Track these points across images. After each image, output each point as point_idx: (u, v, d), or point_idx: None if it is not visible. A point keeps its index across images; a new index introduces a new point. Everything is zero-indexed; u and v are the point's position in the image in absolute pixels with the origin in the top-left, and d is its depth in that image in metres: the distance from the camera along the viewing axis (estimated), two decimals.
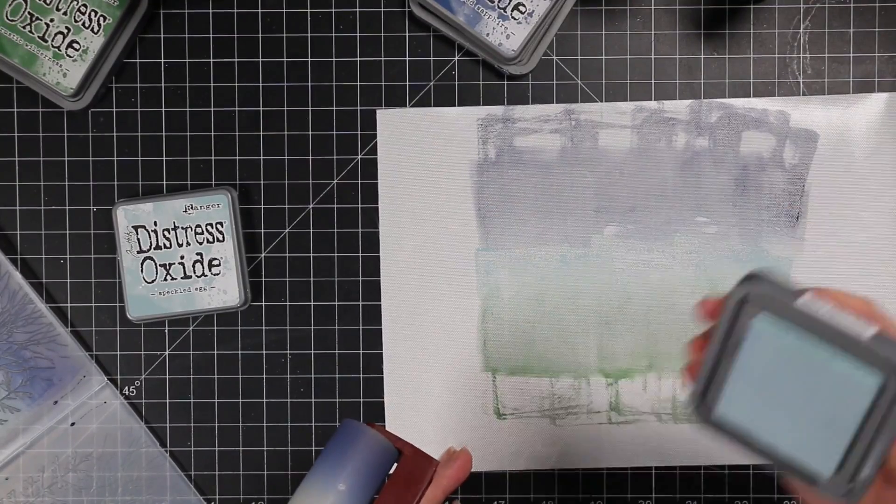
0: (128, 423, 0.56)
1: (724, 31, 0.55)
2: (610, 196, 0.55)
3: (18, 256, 0.56)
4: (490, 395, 0.56)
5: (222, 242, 0.54)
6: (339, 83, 0.55)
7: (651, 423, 0.56)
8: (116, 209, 0.53)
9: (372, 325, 0.56)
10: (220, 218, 0.54)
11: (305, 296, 0.56)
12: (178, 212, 0.53)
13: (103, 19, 0.53)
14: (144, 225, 0.53)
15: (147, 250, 0.54)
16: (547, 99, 0.55)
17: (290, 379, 0.56)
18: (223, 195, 0.53)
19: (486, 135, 0.55)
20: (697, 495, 0.56)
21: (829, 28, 0.55)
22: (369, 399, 0.56)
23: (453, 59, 0.55)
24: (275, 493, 0.56)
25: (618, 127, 0.55)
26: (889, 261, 0.55)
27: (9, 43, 0.52)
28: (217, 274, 0.54)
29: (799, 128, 0.55)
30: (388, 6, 0.55)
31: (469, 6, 0.52)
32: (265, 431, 0.56)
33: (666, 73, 0.55)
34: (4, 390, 0.55)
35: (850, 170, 0.55)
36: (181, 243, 0.53)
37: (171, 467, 0.56)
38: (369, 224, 0.56)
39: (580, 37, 0.55)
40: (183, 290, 0.54)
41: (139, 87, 0.56)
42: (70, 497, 0.56)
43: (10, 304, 0.55)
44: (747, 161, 0.55)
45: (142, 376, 0.56)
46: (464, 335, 0.56)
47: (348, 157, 0.56)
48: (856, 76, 0.55)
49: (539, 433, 0.56)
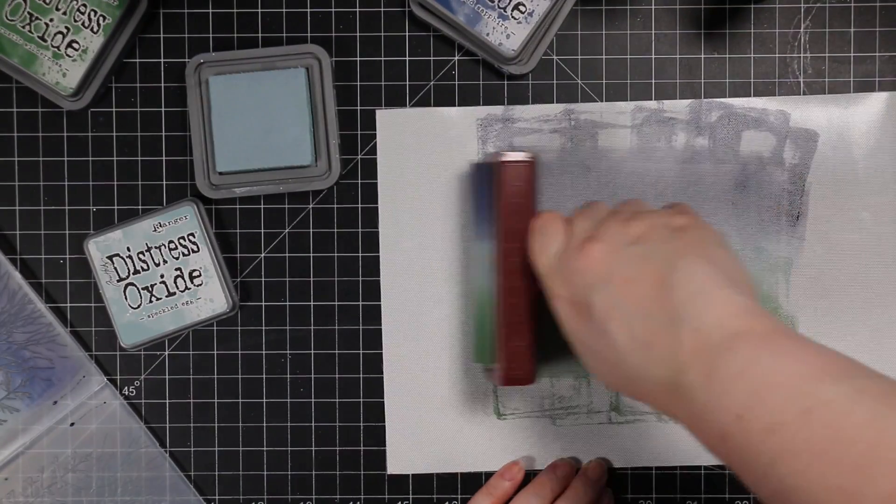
0: (127, 424, 0.56)
1: (725, 30, 0.55)
2: (610, 196, 0.55)
3: (18, 256, 0.56)
4: (490, 395, 0.56)
5: (198, 252, 0.54)
6: (339, 83, 0.55)
7: (651, 423, 0.56)
8: (87, 244, 0.53)
9: (372, 325, 0.56)
10: (191, 229, 0.54)
11: (305, 296, 0.56)
12: (148, 232, 0.53)
13: (103, 19, 0.53)
14: (118, 253, 0.53)
15: (126, 277, 0.54)
16: (547, 99, 0.55)
17: (290, 379, 0.56)
18: (188, 207, 0.54)
19: (486, 135, 0.55)
20: (697, 495, 0.56)
21: (830, 28, 0.55)
22: (369, 399, 0.56)
23: (453, 59, 0.55)
24: (275, 493, 0.56)
25: (618, 127, 0.55)
26: (889, 261, 0.55)
27: (8, 43, 0.52)
28: (200, 285, 0.54)
29: (799, 127, 0.55)
30: (388, 6, 0.55)
31: (469, 6, 0.52)
32: (265, 431, 0.56)
33: (666, 73, 0.55)
34: (4, 390, 0.55)
35: (850, 170, 0.55)
36: (157, 262, 0.54)
37: (171, 467, 0.56)
38: (369, 224, 0.56)
39: (580, 37, 0.55)
40: (170, 308, 0.54)
41: (139, 87, 0.56)
42: (69, 497, 0.56)
43: (10, 304, 0.55)
44: (747, 161, 0.55)
45: (141, 376, 0.56)
46: (464, 335, 0.56)
47: (348, 157, 0.56)
48: (856, 76, 0.55)
49: (539, 433, 0.56)
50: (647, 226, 0.42)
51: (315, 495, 0.56)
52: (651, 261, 0.40)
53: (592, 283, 0.41)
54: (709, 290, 0.38)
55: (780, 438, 0.33)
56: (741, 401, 0.34)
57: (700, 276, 0.39)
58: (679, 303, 0.38)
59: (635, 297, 0.39)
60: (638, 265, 0.40)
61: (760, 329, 0.36)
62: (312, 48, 0.53)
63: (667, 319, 0.38)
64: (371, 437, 0.56)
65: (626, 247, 0.41)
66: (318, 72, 0.53)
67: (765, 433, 0.33)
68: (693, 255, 0.40)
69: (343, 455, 0.56)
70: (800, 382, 0.33)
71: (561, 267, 0.44)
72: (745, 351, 0.35)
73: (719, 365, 0.35)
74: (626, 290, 0.40)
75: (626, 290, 0.40)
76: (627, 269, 0.40)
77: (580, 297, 0.42)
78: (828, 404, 0.32)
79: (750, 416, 0.34)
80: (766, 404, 0.34)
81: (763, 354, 0.35)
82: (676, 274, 0.39)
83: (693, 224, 0.43)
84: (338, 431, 0.56)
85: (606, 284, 0.40)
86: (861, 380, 0.33)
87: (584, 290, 0.41)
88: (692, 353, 0.36)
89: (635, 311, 0.39)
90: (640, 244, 0.41)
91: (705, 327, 0.37)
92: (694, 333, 0.37)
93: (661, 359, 0.38)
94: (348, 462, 0.56)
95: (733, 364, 0.35)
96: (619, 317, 0.40)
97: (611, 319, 0.40)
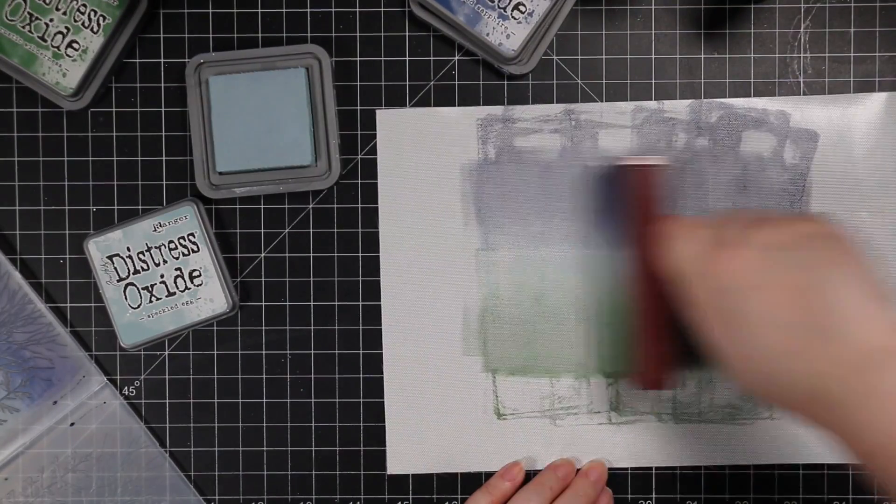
0: (127, 424, 0.56)
1: (725, 30, 0.55)
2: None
3: (18, 256, 0.56)
4: (490, 396, 0.56)
5: (198, 252, 0.54)
6: (339, 83, 0.55)
7: (651, 423, 0.56)
8: (87, 244, 0.53)
9: (372, 325, 0.56)
10: (191, 229, 0.54)
11: (305, 296, 0.56)
12: (148, 232, 0.53)
13: (103, 19, 0.53)
14: (118, 253, 0.53)
15: (126, 277, 0.54)
16: (547, 99, 0.55)
17: (290, 379, 0.56)
18: (188, 207, 0.54)
19: (486, 135, 0.55)
20: (697, 495, 0.56)
21: (830, 28, 0.55)
22: (369, 399, 0.56)
23: (453, 59, 0.55)
24: (275, 493, 0.56)
25: (618, 127, 0.55)
26: (889, 260, 0.55)
27: (8, 43, 0.52)
28: (200, 284, 0.54)
29: (799, 127, 0.55)
30: (388, 6, 0.55)
31: (469, 6, 0.52)
32: (265, 432, 0.56)
33: (666, 73, 0.55)
34: (4, 390, 0.55)
35: (850, 170, 0.55)
36: (157, 262, 0.54)
37: (171, 467, 0.56)
38: (369, 224, 0.56)
39: (580, 37, 0.55)
40: (170, 308, 0.54)
41: (139, 87, 0.56)
42: (69, 497, 0.56)
43: (10, 304, 0.55)
44: (747, 161, 0.55)
45: (141, 376, 0.56)
46: (464, 335, 0.56)
47: (348, 157, 0.56)
48: (856, 76, 0.55)
49: (539, 433, 0.56)
50: (794, 233, 0.41)
51: (315, 495, 0.56)
52: (799, 269, 0.40)
53: (739, 288, 0.41)
54: (861, 303, 0.38)
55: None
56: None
57: (851, 288, 0.39)
58: (830, 313, 0.38)
59: (783, 305, 0.39)
60: (786, 272, 0.40)
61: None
62: (312, 48, 0.53)
63: (817, 329, 0.38)
64: (371, 437, 0.56)
65: (773, 253, 0.41)
66: (318, 72, 0.53)
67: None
68: (843, 266, 0.40)
69: (343, 455, 0.56)
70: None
71: (702, 272, 0.43)
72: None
73: (874, 382, 0.36)
74: (773, 296, 0.39)
75: (774, 296, 0.39)
76: (775, 275, 0.40)
77: (723, 303, 0.41)
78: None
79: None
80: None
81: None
82: (827, 284, 0.39)
83: (839, 234, 0.42)
84: (338, 431, 0.56)
85: (754, 290, 0.40)
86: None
87: (729, 295, 0.41)
88: (843, 366, 0.37)
89: (783, 318, 0.39)
90: (788, 251, 0.41)
91: (858, 342, 0.37)
92: (845, 347, 0.37)
93: (807, 369, 0.38)
94: (348, 462, 0.56)
95: (889, 382, 0.36)
96: (767, 324, 0.39)
97: (758, 326, 0.40)
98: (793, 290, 0.39)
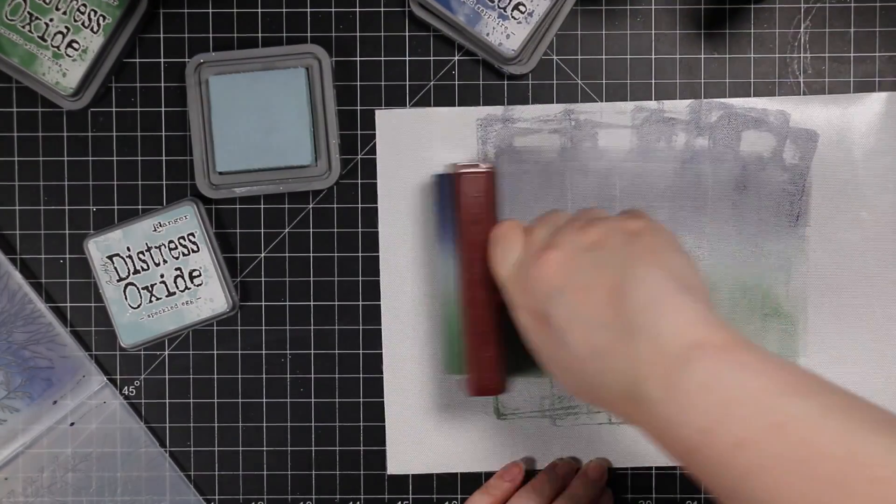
0: (127, 423, 0.56)
1: (725, 30, 0.55)
2: (609, 196, 0.55)
3: (18, 256, 0.56)
4: (490, 396, 0.56)
5: (198, 252, 0.54)
6: (339, 83, 0.55)
7: None
8: (87, 243, 0.53)
9: (372, 325, 0.56)
10: (191, 229, 0.54)
11: (305, 296, 0.56)
12: (148, 232, 0.53)
13: (103, 19, 0.53)
14: (118, 253, 0.53)
15: (126, 277, 0.54)
16: (547, 99, 0.55)
17: (290, 379, 0.56)
18: (188, 206, 0.54)
19: (486, 135, 0.55)
20: (697, 495, 0.56)
21: (830, 28, 0.55)
22: (369, 399, 0.56)
23: (453, 59, 0.55)
24: (275, 493, 0.56)
25: (618, 127, 0.55)
26: (889, 260, 0.55)
27: (8, 43, 0.52)
28: (200, 284, 0.54)
29: (799, 127, 0.55)
30: (388, 6, 0.55)
31: (469, 6, 0.52)
32: (265, 431, 0.56)
33: (666, 73, 0.55)
34: (4, 390, 0.55)
35: (850, 169, 0.55)
36: (157, 262, 0.54)
37: (171, 467, 0.56)
38: (369, 224, 0.56)
39: (580, 37, 0.55)
40: (170, 308, 0.54)
41: (139, 87, 0.56)
42: (69, 497, 0.56)
43: (10, 303, 0.55)
44: (747, 161, 0.55)
45: (141, 376, 0.56)
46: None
47: (348, 157, 0.56)
48: (856, 76, 0.55)
49: (539, 433, 0.56)
50: (602, 232, 0.42)
51: (315, 495, 0.56)
52: (605, 267, 0.40)
53: (549, 291, 0.41)
54: (663, 297, 0.37)
55: (749, 454, 0.32)
56: (706, 415, 0.34)
57: (653, 282, 0.38)
58: (633, 311, 0.37)
59: (590, 305, 0.39)
60: (592, 272, 0.40)
61: (719, 340, 0.36)
62: (312, 48, 0.53)
63: (622, 328, 0.37)
64: (371, 437, 0.56)
65: (581, 254, 0.41)
66: (318, 72, 0.53)
67: (733, 448, 0.33)
68: (646, 260, 0.39)
69: (343, 455, 0.56)
70: (766, 397, 0.33)
71: (520, 276, 0.44)
72: (707, 364, 0.35)
73: (681, 378, 0.35)
74: (581, 297, 0.39)
75: (581, 297, 0.39)
76: (582, 276, 0.40)
77: (538, 306, 0.41)
78: (799, 419, 0.32)
79: (717, 431, 0.33)
80: (733, 419, 0.33)
81: (725, 368, 0.34)
82: (630, 281, 0.38)
83: (648, 228, 0.42)
84: (338, 431, 0.56)
85: (562, 293, 0.40)
86: (826, 395, 0.33)
87: (541, 298, 0.41)
88: (650, 363, 0.36)
89: (590, 319, 0.39)
90: (595, 251, 0.41)
91: (661, 337, 0.36)
92: (650, 343, 0.36)
93: (618, 368, 0.37)
94: (348, 462, 0.56)
95: (695, 377, 0.34)
96: (576, 325, 0.39)
97: (567, 328, 0.39)
98: (600, 289, 0.39)
